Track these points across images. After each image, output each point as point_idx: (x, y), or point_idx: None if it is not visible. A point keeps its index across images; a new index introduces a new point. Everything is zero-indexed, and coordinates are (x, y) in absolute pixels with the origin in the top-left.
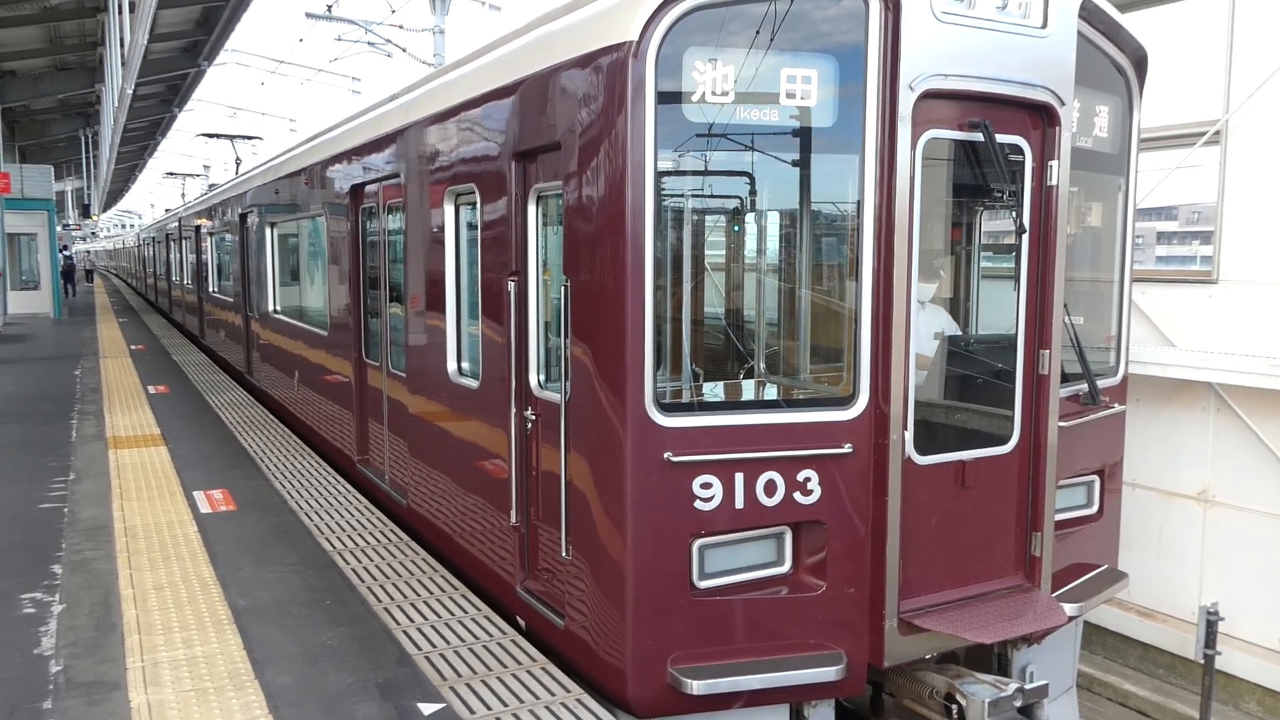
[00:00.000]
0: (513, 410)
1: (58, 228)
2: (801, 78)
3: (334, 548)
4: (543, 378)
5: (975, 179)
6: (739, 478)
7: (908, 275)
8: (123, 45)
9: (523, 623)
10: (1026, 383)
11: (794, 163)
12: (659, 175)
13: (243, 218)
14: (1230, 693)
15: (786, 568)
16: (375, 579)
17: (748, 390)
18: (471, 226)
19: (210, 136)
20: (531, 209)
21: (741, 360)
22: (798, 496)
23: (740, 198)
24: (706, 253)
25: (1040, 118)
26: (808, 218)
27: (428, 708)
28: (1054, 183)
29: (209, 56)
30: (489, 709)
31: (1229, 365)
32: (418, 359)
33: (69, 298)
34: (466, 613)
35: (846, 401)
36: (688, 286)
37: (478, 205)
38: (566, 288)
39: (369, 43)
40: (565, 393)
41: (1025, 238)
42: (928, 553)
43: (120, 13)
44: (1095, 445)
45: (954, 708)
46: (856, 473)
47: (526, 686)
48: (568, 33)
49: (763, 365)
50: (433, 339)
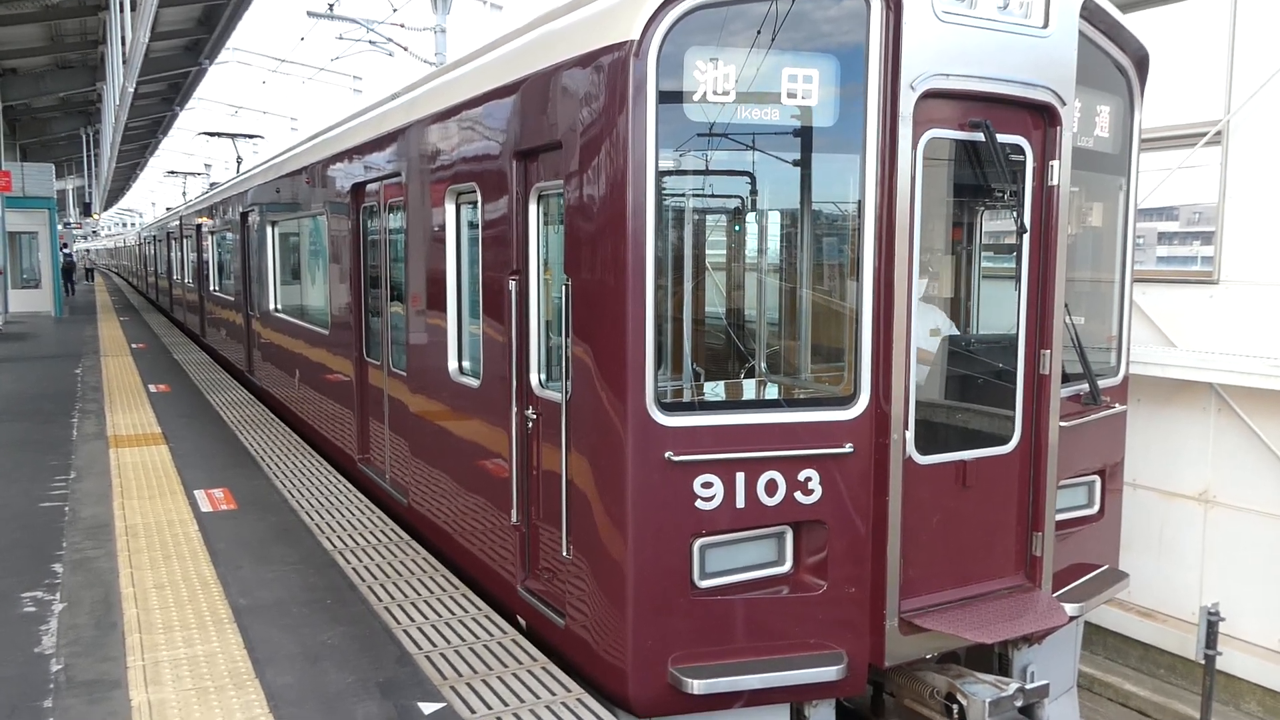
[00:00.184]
0: (514, 409)
1: (59, 226)
2: (803, 77)
3: (334, 547)
4: (544, 377)
5: (976, 179)
6: (740, 477)
7: (909, 275)
8: (124, 43)
9: (523, 622)
10: (1027, 383)
11: (795, 162)
12: (660, 174)
13: (244, 216)
14: (1231, 693)
15: (787, 567)
16: (376, 578)
17: (749, 390)
18: (472, 225)
19: (211, 135)
20: (533, 208)
21: (742, 360)
22: (799, 496)
23: (741, 197)
24: (707, 252)
25: (1041, 118)
26: (808, 217)
27: (428, 707)
28: (1055, 183)
29: (210, 55)
30: (489, 708)
31: (1230, 366)
32: (419, 358)
33: (69, 296)
34: (467, 612)
35: (847, 401)
36: (689, 286)
37: (479, 204)
38: (567, 287)
39: (370, 41)
40: (566, 392)
41: (1026, 238)
42: (928, 552)
43: (121, 11)
44: (1096, 445)
45: (955, 708)
46: (857, 472)
47: (527, 686)
48: (569, 32)
49: (763, 365)
50: (434, 338)
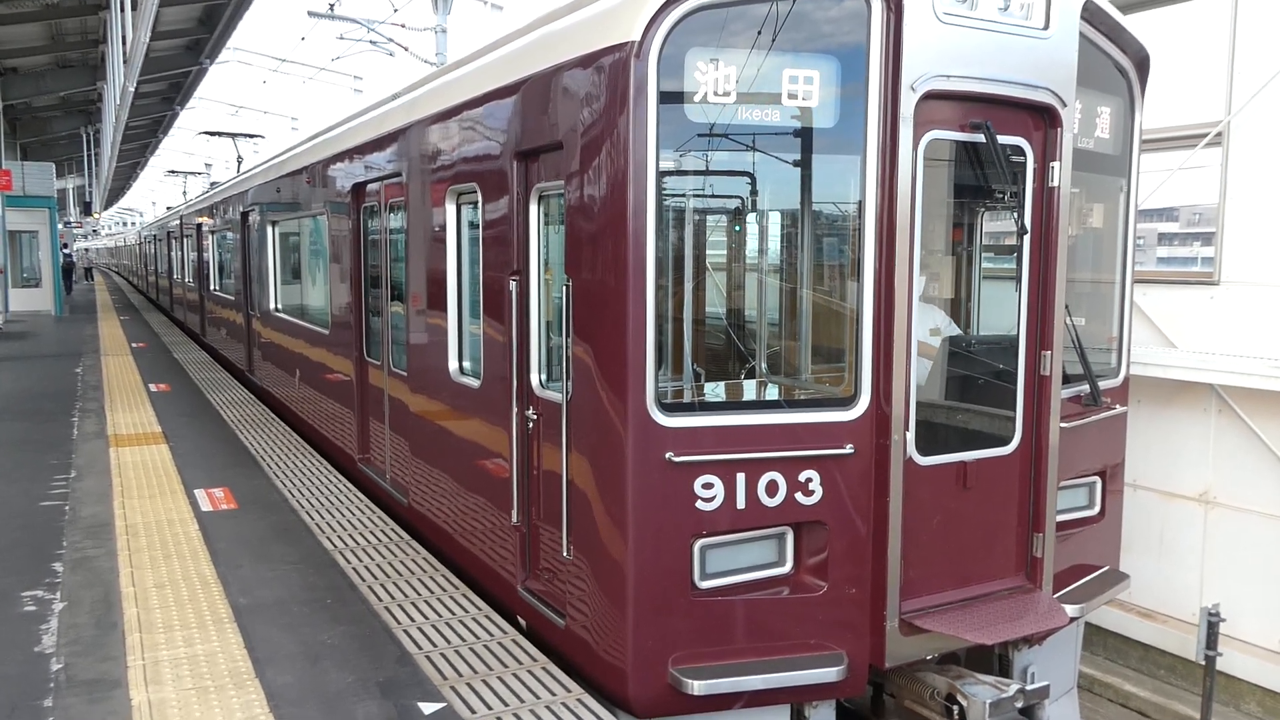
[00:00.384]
0: (514, 409)
1: (59, 225)
2: (803, 78)
3: (335, 546)
4: (544, 377)
5: (977, 180)
6: (740, 478)
7: (909, 276)
8: (124, 43)
9: (523, 622)
10: (1028, 384)
11: (795, 163)
12: (661, 175)
13: (244, 216)
14: (1231, 694)
15: (788, 568)
16: (376, 578)
17: (749, 390)
18: (473, 225)
19: (212, 135)
20: (533, 208)
21: (743, 360)
22: (799, 497)
23: (742, 198)
24: (708, 253)
25: (1042, 119)
26: (809, 218)
27: (428, 707)
28: (1055, 184)
29: (211, 54)
30: (489, 708)
31: (1230, 366)
32: (419, 358)
33: (67, 296)
34: (467, 612)
35: (848, 402)
36: (689, 286)
37: (479, 204)
38: (568, 287)
39: (371, 41)
40: (566, 392)
41: (1027, 239)
42: (929, 553)
43: (122, 10)
44: (1096, 446)
45: (955, 708)
46: (858, 473)
47: (527, 686)
48: (570, 32)
49: (764, 365)
50: (434, 338)
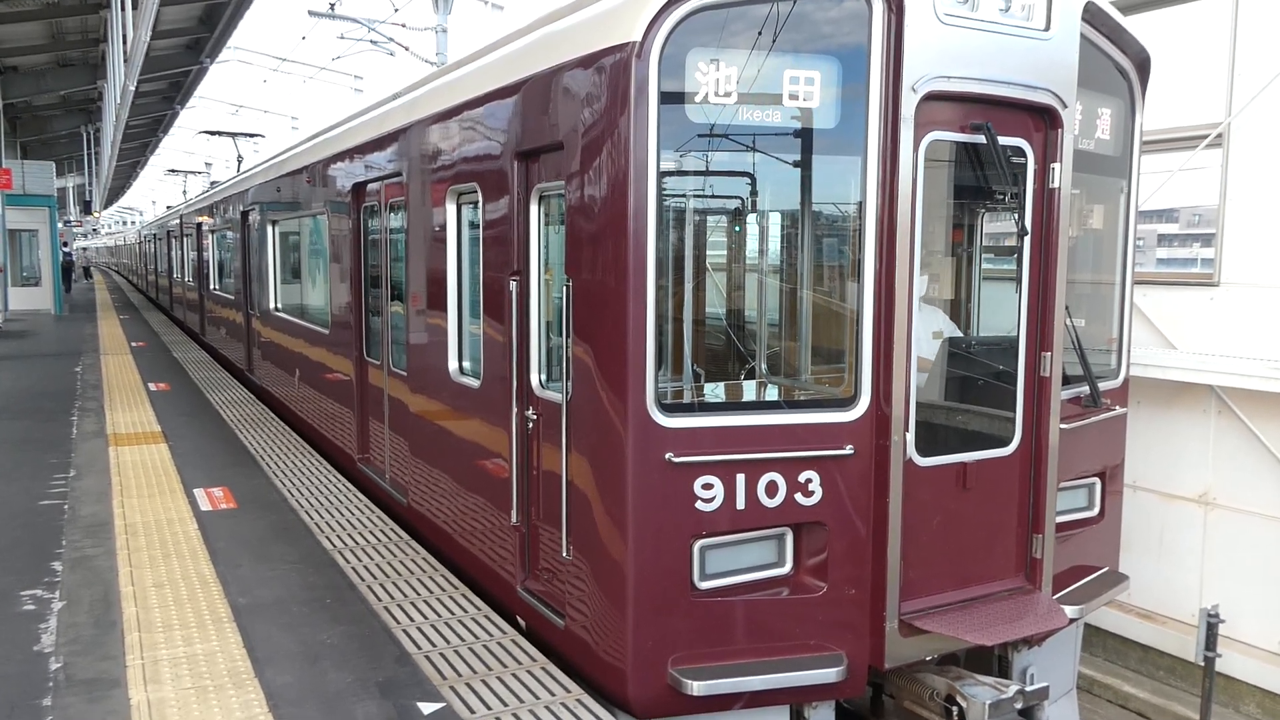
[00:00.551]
0: (514, 410)
1: (59, 224)
2: (804, 79)
3: (334, 546)
4: (544, 377)
5: (977, 181)
6: (740, 478)
7: (910, 277)
8: (125, 42)
9: (523, 622)
10: (1028, 385)
11: (796, 164)
12: (661, 175)
13: (244, 215)
14: (1230, 695)
15: (787, 569)
16: (375, 578)
17: (749, 391)
18: (473, 225)
19: (212, 134)
20: (534, 208)
21: (743, 361)
22: (799, 498)
23: (742, 198)
24: (708, 253)
25: (1042, 120)
26: (809, 219)
27: (428, 707)
28: (1056, 185)
29: (211, 54)
30: (489, 709)
31: (1230, 368)
32: (419, 358)
33: (66, 294)
34: (467, 612)
35: (848, 403)
36: (689, 287)
37: (480, 204)
38: (568, 287)
39: (371, 41)
40: (566, 392)
41: (1027, 240)
42: (929, 554)
43: (123, 9)
44: (1096, 447)
45: (954, 709)
46: (858, 474)
47: (526, 686)
48: (571, 33)
49: (764, 366)
50: (434, 338)
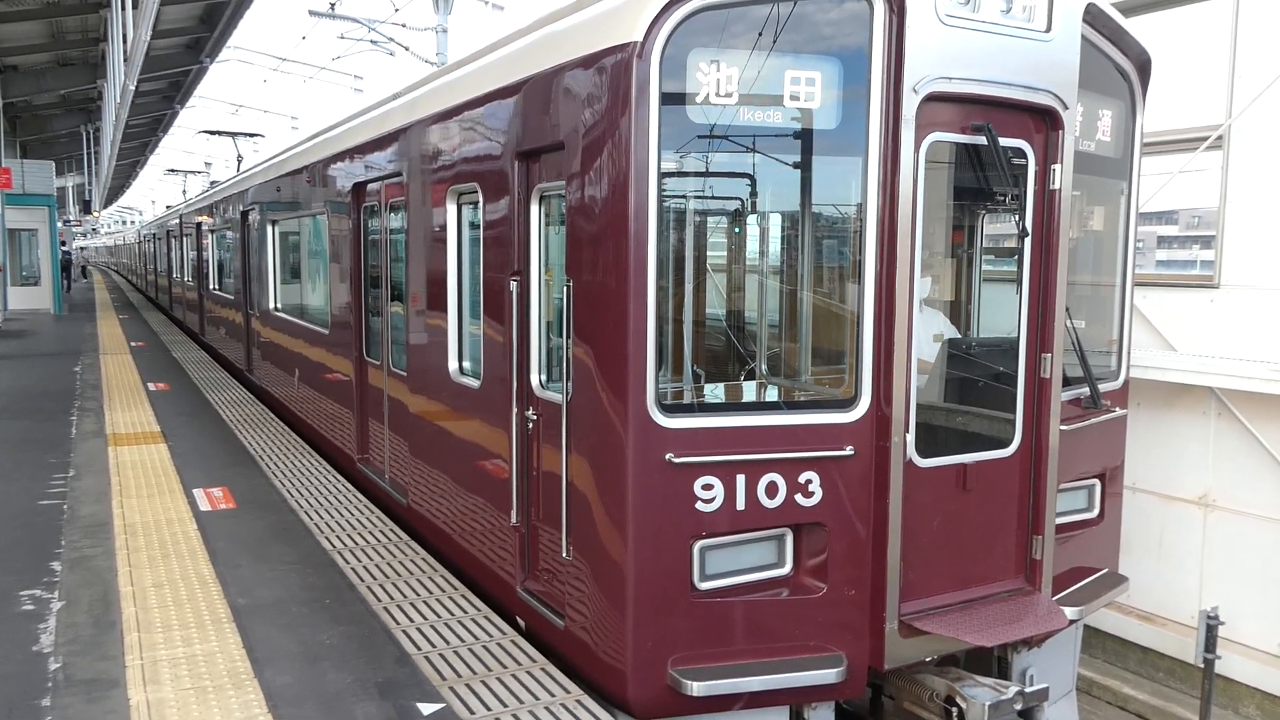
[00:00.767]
0: (514, 410)
1: (58, 224)
2: (805, 80)
3: (334, 546)
4: (544, 378)
5: (978, 182)
6: (740, 479)
7: (910, 278)
8: (125, 41)
9: (523, 623)
10: (1028, 386)
11: (797, 165)
12: (662, 176)
13: (244, 215)
14: (1229, 697)
15: (787, 569)
16: (375, 578)
17: (749, 392)
18: (474, 226)
19: (212, 133)
20: (534, 209)
21: (743, 362)
22: (799, 498)
23: (743, 199)
24: (709, 254)
25: (1043, 121)
26: (810, 220)
27: (427, 708)
28: (1057, 186)
29: (211, 53)
30: (488, 709)
31: (1230, 370)
32: (419, 358)
33: (66, 294)
34: (466, 613)
35: (848, 404)
36: (690, 287)
37: (480, 204)
38: (568, 288)
39: (372, 41)
40: (567, 393)
41: (1027, 241)
42: (928, 555)
43: (123, 9)
44: (1096, 449)
45: (954, 710)
46: (858, 475)
47: (526, 687)
48: (572, 33)
49: (764, 367)
50: (434, 338)
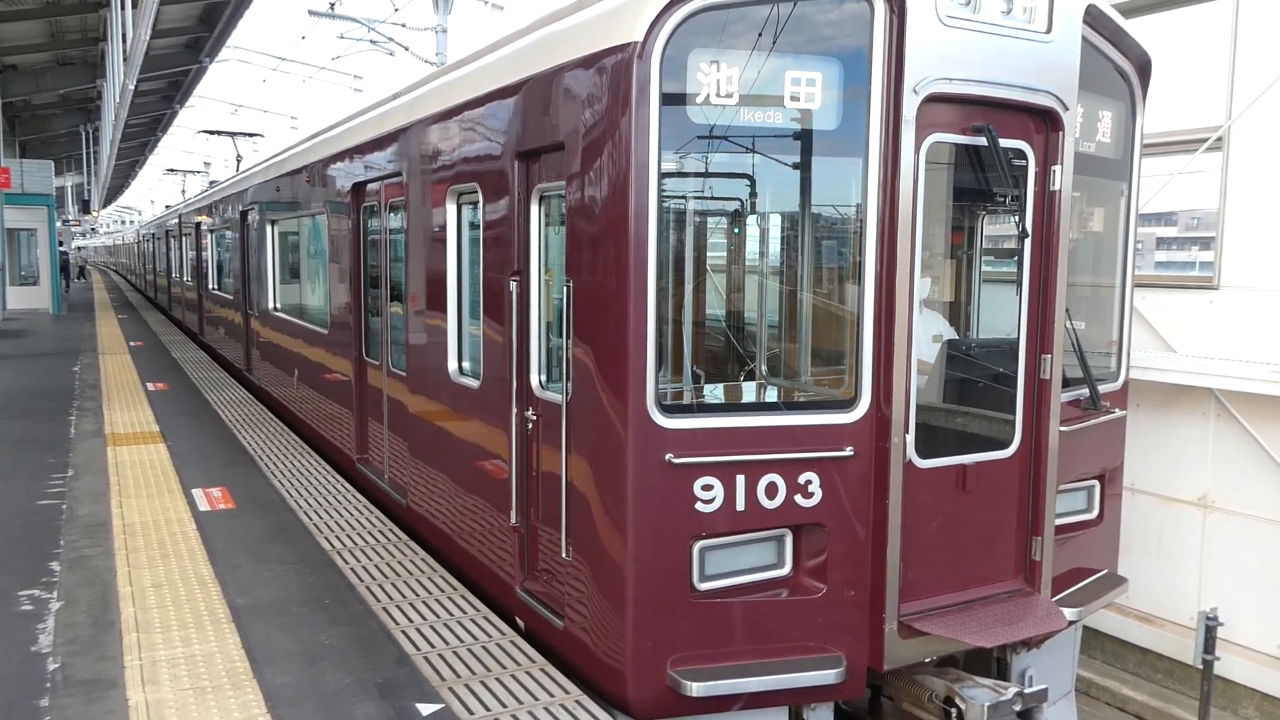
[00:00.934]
0: (513, 410)
1: (57, 223)
2: (805, 80)
3: (333, 547)
4: (544, 378)
5: (978, 183)
6: (740, 480)
7: (910, 279)
8: (124, 41)
9: (522, 624)
10: (1028, 387)
11: (797, 165)
12: (662, 176)
13: (243, 215)
14: (1229, 698)
15: (787, 570)
16: (374, 578)
17: (749, 392)
18: (473, 226)
19: (211, 133)
20: (534, 209)
21: (743, 362)
22: (798, 499)
23: (743, 200)
24: (709, 254)
25: (1044, 122)
26: (810, 220)
27: (426, 708)
28: (1057, 187)
29: (211, 53)
30: (488, 710)
31: (1229, 371)
32: (418, 358)
33: (65, 293)
34: (465, 613)
35: (848, 404)
36: (690, 288)
37: (480, 204)
38: (568, 288)
39: (371, 41)
40: (566, 393)
41: (1027, 242)
42: (928, 556)
43: (122, 8)
44: (1096, 450)
45: (953, 711)
46: (857, 476)
47: (525, 688)
48: (572, 33)
49: (764, 367)
50: (434, 338)
